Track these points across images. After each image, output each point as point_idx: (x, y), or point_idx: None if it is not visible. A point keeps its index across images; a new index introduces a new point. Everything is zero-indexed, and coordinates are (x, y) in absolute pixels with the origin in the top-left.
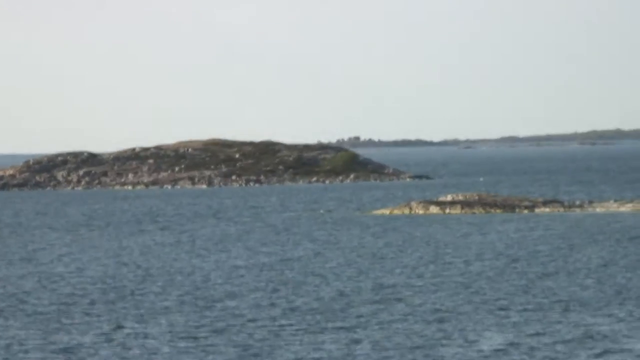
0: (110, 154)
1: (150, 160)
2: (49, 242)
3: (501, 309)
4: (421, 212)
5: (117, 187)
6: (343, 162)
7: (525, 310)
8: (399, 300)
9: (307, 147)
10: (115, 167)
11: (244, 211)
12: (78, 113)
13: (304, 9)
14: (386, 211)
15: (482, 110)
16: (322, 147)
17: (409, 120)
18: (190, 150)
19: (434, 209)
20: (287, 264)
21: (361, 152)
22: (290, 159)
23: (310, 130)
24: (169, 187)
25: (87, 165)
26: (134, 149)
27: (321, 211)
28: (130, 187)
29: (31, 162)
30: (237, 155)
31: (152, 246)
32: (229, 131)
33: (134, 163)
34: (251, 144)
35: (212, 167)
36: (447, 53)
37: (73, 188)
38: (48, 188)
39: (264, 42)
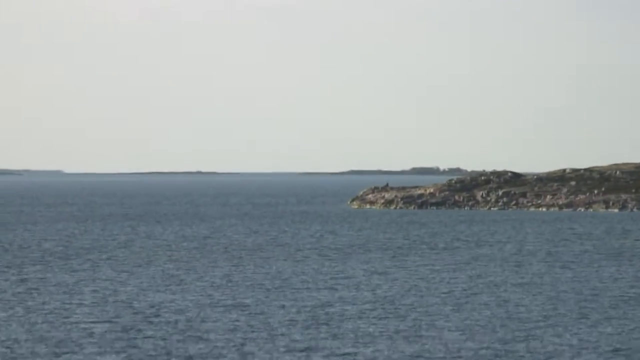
0: (534, 174)
1: (572, 182)
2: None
3: None
4: None
5: (532, 209)
6: None
7: None
8: None
9: None
10: (536, 188)
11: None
12: (505, 133)
13: None
14: None
15: None
16: None
17: None
18: (618, 172)
19: None
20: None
21: None
22: None
23: None
24: (582, 210)
25: (509, 186)
26: (564, 170)
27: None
28: (544, 209)
29: (453, 181)
30: None
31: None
32: None
33: (555, 185)
34: None
35: (634, 190)
36: None
37: (489, 208)
38: (466, 207)
39: None
